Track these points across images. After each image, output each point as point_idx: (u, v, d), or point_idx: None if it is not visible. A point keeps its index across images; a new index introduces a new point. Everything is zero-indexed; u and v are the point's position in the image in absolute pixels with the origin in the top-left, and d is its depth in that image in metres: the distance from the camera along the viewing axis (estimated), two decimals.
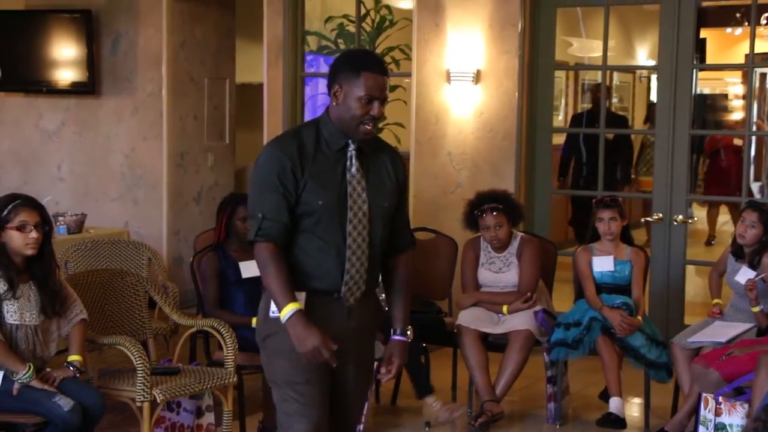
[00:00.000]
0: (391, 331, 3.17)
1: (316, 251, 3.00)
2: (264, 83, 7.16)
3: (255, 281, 4.83)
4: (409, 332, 3.17)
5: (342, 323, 3.04)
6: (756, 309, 4.86)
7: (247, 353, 4.54)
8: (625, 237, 5.28)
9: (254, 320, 4.48)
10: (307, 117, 7.55)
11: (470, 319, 5.18)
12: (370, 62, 3.00)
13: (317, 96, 9.03)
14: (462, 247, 5.44)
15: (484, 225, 5.22)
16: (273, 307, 3.00)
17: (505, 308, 5.20)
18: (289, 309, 2.92)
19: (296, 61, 7.16)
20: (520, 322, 5.10)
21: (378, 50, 9.26)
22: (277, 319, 2.96)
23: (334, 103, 3.00)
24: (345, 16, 9.33)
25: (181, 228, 7.61)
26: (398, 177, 3.14)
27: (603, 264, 5.17)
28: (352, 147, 3.02)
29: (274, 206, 2.95)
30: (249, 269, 4.83)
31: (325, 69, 9.27)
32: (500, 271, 5.28)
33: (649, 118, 11.16)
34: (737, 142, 10.04)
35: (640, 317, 5.03)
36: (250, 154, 9.07)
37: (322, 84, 9.05)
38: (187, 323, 4.72)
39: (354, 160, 3.02)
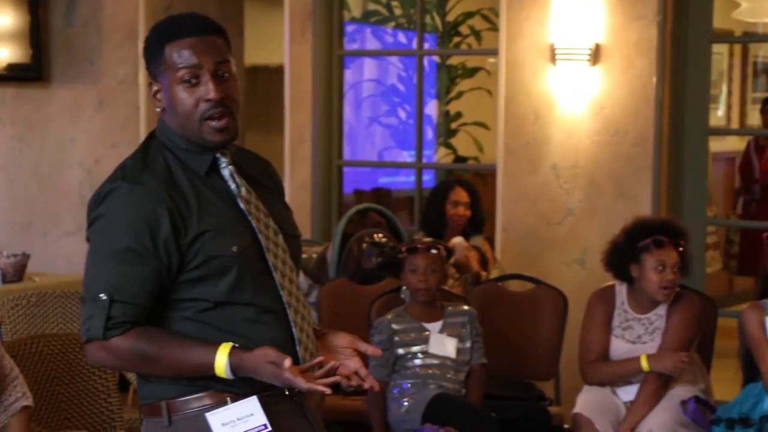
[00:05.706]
0: None
1: (246, 326, 2.91)
2: (285, 65, 7.24)
3: None
4: None
5: None
6: None
7: None
8: None
9: None
10: (348, 112, 7.61)
11: (594, 407, 5.15)
12: (171, 28, 2.94)
13: (361, 84, 9.03)
14: (588, 300, 5.41)
15: (653, 263, 5.07)
16: None
17: (644, 359, 5.07)
18: (222, 355, 2.80)
19: (332, 33, 7.24)
20: (657, 420, 5.09)
21: (450, 17, 9.34)
22: None
23: (165, 111, 2.96)
24: None
25: None
26: (283, 192, 3.22)
27: None
28: (224, 163, 2.99)
29: (131, 282, 2.82)
30: None
31: (373, 44, 9.34)
32: (638, 341, 5.23)
33: None
34: None
35: None
36: None
37: (369, 66, 9.11)
38: None
39: (237, 179, 2.98)
